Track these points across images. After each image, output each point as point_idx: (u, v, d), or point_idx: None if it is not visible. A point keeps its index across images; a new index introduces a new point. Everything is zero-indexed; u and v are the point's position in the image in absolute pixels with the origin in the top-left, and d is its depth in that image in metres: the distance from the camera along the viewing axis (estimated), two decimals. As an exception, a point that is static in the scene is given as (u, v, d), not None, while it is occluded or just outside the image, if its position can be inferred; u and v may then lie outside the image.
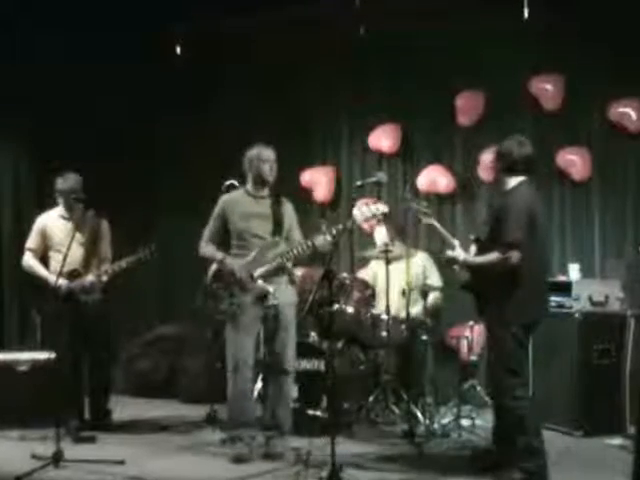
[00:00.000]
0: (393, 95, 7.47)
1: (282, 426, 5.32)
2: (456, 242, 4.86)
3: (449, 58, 7.12)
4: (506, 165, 4.75)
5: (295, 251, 5.28)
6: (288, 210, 5.50)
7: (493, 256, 4.60)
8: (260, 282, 5.26)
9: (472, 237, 4.96)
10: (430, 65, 7.22)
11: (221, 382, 6.56)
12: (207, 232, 5.49)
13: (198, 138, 7.79)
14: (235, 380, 5.27)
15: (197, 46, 7.64)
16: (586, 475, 4.89)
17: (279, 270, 5.33)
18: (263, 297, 5.28)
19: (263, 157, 5.39)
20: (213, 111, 7.91)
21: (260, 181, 5.42)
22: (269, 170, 5.41)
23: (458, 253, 4.80)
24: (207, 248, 5.45)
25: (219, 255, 5.39)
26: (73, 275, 5.96)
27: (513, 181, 4.74)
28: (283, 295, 5.35)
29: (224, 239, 5.45)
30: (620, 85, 6.46)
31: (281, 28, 7.43)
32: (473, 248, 4.92)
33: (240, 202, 5.45)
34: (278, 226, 5.38)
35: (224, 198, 5.54)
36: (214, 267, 5.45)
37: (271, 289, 5.27)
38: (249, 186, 5.48)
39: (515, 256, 4.53)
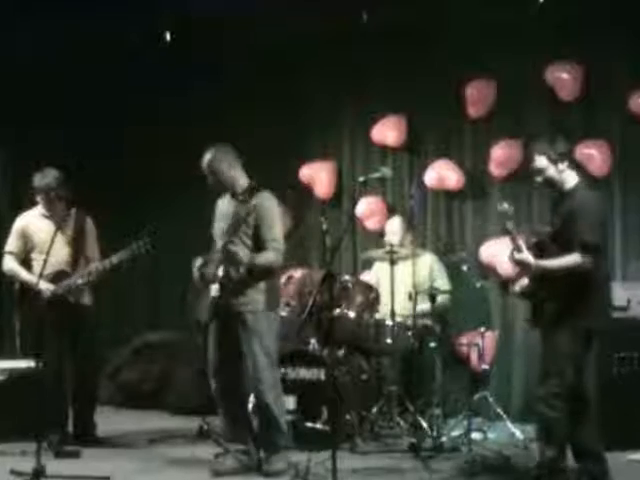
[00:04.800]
0: (398, 84, 7.47)
1: (266, 445, 5.27)
2: (523, 244, 4.83)
3: (458, 44, 7.12)
4: (564, 166, 4.77)
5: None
6: (258, 206, 5.22)
7: (571, 258, 4.61)
8: (214, 286, 5.22)
9: (534, 240, 4.90)
10: (438, 52, 7.23)
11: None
12: None
13: (194, 136, 7.80)
14: (212, 388, 5.37)
15: (195, 37, 7.68)
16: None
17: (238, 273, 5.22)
18: (216, 301, 5.23)
19: (210, 169, 5.31)
20: (211, 105, 7.90)
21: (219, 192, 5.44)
22: (216, 182, 5.33)
23: (527, 256, 4.76)
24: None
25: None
26: (60, 277, 5.97)
27: (572, 180, 4.80)
28: (246, 300, 5.22)
29: None
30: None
31: (281, 17, 7.44)
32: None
33: (222, 203, 5.46)
34: (234, 225, 5.21)
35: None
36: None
37: (215, 292, 5.20)
38: None
39: (590, 259, 4.59)
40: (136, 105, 8.00)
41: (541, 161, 4.81)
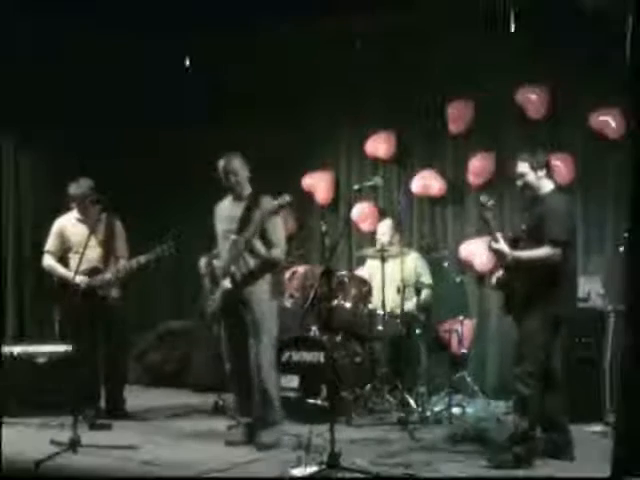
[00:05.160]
0: (388, 104, 7.48)
1: (264, 418, 5.21)
2: (499, 236, 4.86)
3: (441, 70, 7.13)
4: (542, 173, 4.82)
5: None
6: (261, 210, 5.15)
7: (542, 251, 4.65)
8: (226, 281, 5.19)
9: (510, 235, 4.94)
10: (423, 76, 7.23)
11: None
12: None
13: (206, 143, 7.81)
14: (227, 370, 5.35)
15: (203, 55, 7.66)
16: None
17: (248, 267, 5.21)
18: (229, 294, 5.20)
19: (227, 170, 5.28)
20: (221, 120, 7.91)
21: (231, 192, 5.36)
22: (234, 182, 5.29)
23: (503, 246, 4.79)
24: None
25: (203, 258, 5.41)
26: (93, 273, 6.00)
27: (547, 187, 4.83)
28: (255, 292, 5.21)
29: None
30: (600, 95, 6.47)
31: (283, 41, 7.44)
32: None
33: (223, 206, 5.41)
34: (242, 225, 5.18)
35: (217, 205, 5.48)
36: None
37: (228, 284, 5.18)
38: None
39: (559, 253, 4.62)
40: (156, 109, 7.80)
41: (524, 167, 4.84)
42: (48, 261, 6.17)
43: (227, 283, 5.19)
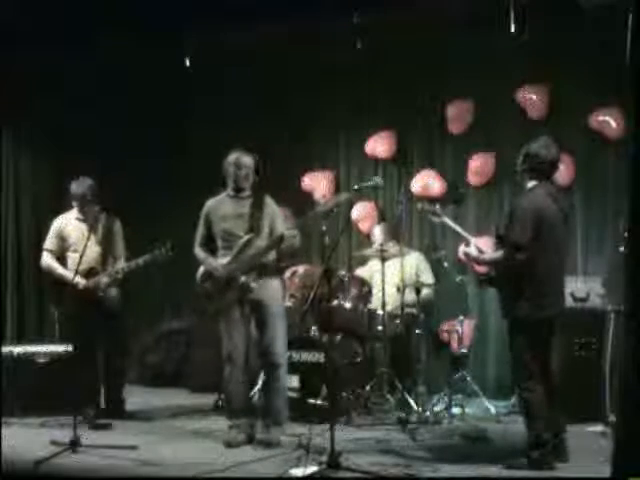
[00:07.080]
0: (388, 104, 7.48)
1: (276, 415, 5.25)
2: (472, 239, 4.84)
3: (441, 70, 7.13)
4: (530, 166, 4.70)
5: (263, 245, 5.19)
6: (269, 209, 5.32)
7: (498, 254, 4.64)
8: (242, 278, 5.17)
9: (499, 233, 4.86)
10: (423, 76, 7.24)
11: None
12: (197, 236, 5.44)
13: (206, 143, 7.82)
14: (227, 370, 5.31)
15: (204, 55, 7.67)
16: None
17: (262, 266, 5.23)
18: (246, 293, 5.20)
19: (239, 163, 5.31)
20: (221, 119, 7.91)
21: (235, 186, 5.35)
22: (244, 176, 5.31)
23: (472, 250, 4.78)
24: (198, 251, 5.41)
25: (204, 256, 5.37)
26: (91, 273, 5.99)
27: (532, 182, 4.71)
28: (268, 290, 5.26)
29: (213, 241, 5.39)
30: (600, 95, 6.47)
31: (283, 41, 7.44)
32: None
33: (221, 204, 5.38)
34: (256, 224, 5.23)
35: (208, 202, 5.45)
36: (202, 269, 5.39)
37: (254, 284, 5.17)
38: (229, 189, 5.40)
39: (518, 256, 4.52)
40: (155, 109, 7.86)
41: (522, 154, 4.77)
42: (47, 260, 6.16)
43: (243, 281, 5.18)
